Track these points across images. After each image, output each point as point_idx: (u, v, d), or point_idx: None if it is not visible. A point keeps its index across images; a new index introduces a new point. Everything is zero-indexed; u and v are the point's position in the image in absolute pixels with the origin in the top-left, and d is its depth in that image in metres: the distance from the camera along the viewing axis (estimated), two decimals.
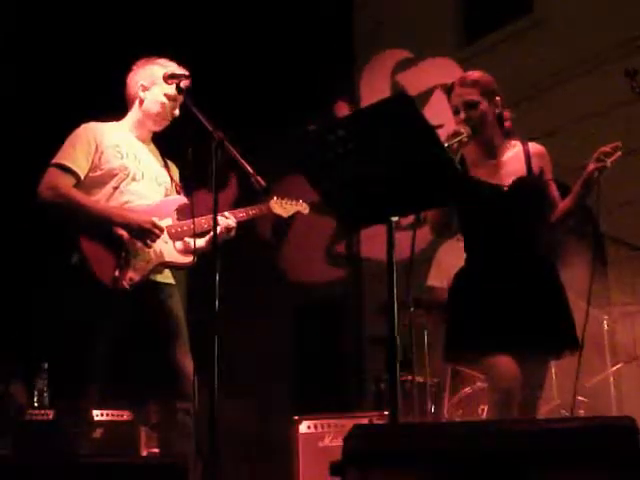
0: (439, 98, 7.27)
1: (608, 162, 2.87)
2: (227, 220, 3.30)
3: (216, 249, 2.96)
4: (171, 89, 3.25)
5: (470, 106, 3.02)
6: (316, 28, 8.64)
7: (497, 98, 3.10)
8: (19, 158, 6.03)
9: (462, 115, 3.02)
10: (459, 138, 2.90)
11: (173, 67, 3.29)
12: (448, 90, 3.13)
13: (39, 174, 3.16)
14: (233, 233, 3.33)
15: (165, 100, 3.30)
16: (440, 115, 3.49)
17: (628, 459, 1.67)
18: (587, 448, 1.74)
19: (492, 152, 3.12)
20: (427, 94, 7.50)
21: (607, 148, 2.88)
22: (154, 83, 3.30)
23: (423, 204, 2.54)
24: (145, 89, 3.31)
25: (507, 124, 3.16)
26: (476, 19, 7.90)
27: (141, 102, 3.33)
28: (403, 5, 8.28)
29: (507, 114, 3.15)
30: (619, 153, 2.86)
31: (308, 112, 7.72)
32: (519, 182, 3.05)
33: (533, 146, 3.14)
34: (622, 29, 6.34)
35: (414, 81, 7.77)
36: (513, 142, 3.16)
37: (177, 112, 3.33)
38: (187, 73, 3.23)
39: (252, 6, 8.12)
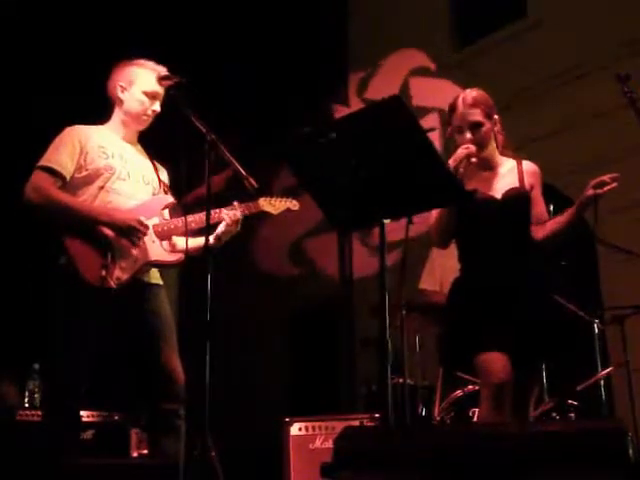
0: (432, 120, 7.31)
1: (605, 190, 2.91)
2: (232, 211, 3.29)
3: (208, 249, 2.95)
4: (149, 86, 3.30)
5: (475, 126, 3.10)
6: (311, 31, 8.65)
7: (495, 117, 3.19)
8: (5, 161, 6.02)
9: (468, 135, 3.09)
10: (470, 159, 3.00)
11: (150, 65, 3.32)
12: (450, 110, 3.19)
13: (25, 177, 3.17)
14: (239, 227, 3.33)
15: (144, 98, 3.32)
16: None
17: (617, 461, 1.67)
18: (577, 450, 1.74)
19: (488, 167, 3.20)
20: (425, 110, 7.50)
21: (606, 178, 2.92)
22: (132, 83, 3.33)
23: (415, 206, 2.55)
24: (124, 90, 3.34)
25: (502, 140, 3.25)
26: (470, 23, 7.92)
27: (122, 103, 3.35)
28: (397, 9, 8.29)
29: (501, 130, 3.24)
30: (614, 184, 2.90)
31: (303, 114, 7.74)
32: (512, 192, 3.13)
33: (526, 164, 3.22)
34: (616, 33, 6.36)
35: (422, 92, 7.78)
36: (508, 158, 3.24)
37: (158, 108, 3.35)
38: (167, 73, 3.25)
39: (246, 9, 8.12)
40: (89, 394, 3.17)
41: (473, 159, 3.01)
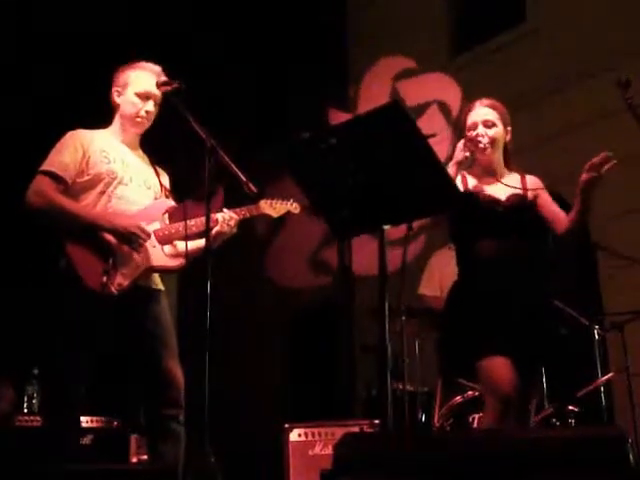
0: (434, 112, 7.32)
1: (601, 171, 2.90)
2: (224, 214, 3.28)
3: (209, 252, 2.94)
4: (142, 87, 3.31)
5: (488, 125, 3.19)
6: (311, 35, 8.66)
7: (509, 128, 3.27)
8: (7, 165, 6.02)
9: (481, 128, 3.17)
10: (483, 146, 3.10)
11: (146, 66, 3.33)
12: (465, 112, 3.28)
13: (27, 181, 3.16)
14: (235, 229, 3.32)
15: (137, 99, 3.33)
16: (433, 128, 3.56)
17: (618, 468, 1.67)
18: (578, 457, 1.74)
19: (491, 174, 3.24)
20: (423, 107, 7.52)
21: (596, 159, 2.92)
22: (127, 86, 3.34)
23: (415, 213, 2.54)
24: (120, 94, 3.36)
25: (509, 154, 3.31)
26: (469, 28, 7.93)
27: (118, 107, 3.36)
28: (397, 14, 8.29)
29: (510, 146, 3.31)
30: (613, 161, 2.89)
31: (301, 119, 7.75)
32: (516, 197, 3.16)
33: (529, 177, 3.28)
34: (614, 39, 6.36)
35: (414, 92, 7.81)
36: (512, 172, 3.29)
37: (151, 108, 3.34)
38: (165, 78, 3.24)
39: (246, 10, 8.13)
40: (89, 399, 3.16)
41: (487, 147, 3.09)
